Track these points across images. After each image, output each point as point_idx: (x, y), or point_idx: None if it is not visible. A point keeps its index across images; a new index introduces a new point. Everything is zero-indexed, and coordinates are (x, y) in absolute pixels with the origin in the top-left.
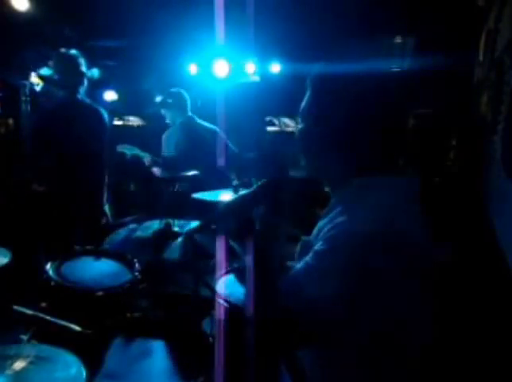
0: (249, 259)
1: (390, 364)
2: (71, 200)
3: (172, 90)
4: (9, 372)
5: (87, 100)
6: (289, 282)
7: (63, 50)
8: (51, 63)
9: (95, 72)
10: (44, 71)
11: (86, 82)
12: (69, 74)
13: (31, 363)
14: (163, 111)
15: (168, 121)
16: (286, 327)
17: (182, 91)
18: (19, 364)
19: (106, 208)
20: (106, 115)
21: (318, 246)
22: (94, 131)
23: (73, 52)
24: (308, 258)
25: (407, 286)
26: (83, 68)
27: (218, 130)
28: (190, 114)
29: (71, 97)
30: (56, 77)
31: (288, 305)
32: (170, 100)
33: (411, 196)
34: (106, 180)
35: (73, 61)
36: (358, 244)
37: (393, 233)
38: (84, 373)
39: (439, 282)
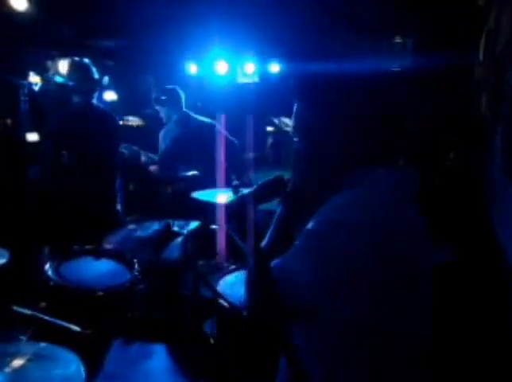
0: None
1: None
2: (87, 199)
3: (166, 87)
4: (7, 369)
5: (101, 105)
6: (278, 265)
7: (76, 58)
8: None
9: (106, 80)
10: (58, 78)
11: (98, 89)
12: (84, 81)
13: (30, 360)
14: (158, 108)
15: (163, 118)
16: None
17: (176, 87)
18: (18, 362)
19: (119, 207)
20: (117, 120)
21: (309, 225)
22: (108, 134)
23: (85, 60)
24: (297, 240)
25: (390, 285)
26: (96, 75)
27: (215, 123)
28: (185, 110)
29: (86, 102)
30: (70, 84)
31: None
32: (164, 97)
33: (408, 195)
34: (118, 180)
35: (87, 69)
36: (345, 236)
37: (380, 232)
38: (83, 371)
39: (435, 283)
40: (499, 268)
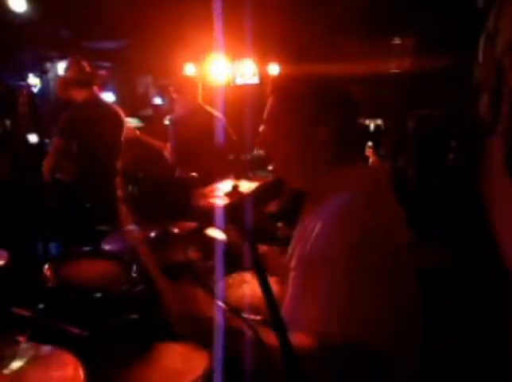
0: None
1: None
2: (94, 189)
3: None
4: (6, 371)
5: (105, 100)
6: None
7: (77, 57)
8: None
9: (102, 73)
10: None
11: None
12: (80, 74)
13: (28, 362)
14: (175, 96)
15: (176, 107)
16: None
17: (193, 77)
18: (16, 364)
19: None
20: (122, 114)
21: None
22: (113, 124)
23: (76, 57)
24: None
25: (396, 279)
26: (87, 69)
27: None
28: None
29: (89, 94)
30: (73, 79)
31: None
32: (180, 86)
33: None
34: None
35: (78, 63)
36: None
37: (375, 230)
38: (81, 372)
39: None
40: (498, 268)
